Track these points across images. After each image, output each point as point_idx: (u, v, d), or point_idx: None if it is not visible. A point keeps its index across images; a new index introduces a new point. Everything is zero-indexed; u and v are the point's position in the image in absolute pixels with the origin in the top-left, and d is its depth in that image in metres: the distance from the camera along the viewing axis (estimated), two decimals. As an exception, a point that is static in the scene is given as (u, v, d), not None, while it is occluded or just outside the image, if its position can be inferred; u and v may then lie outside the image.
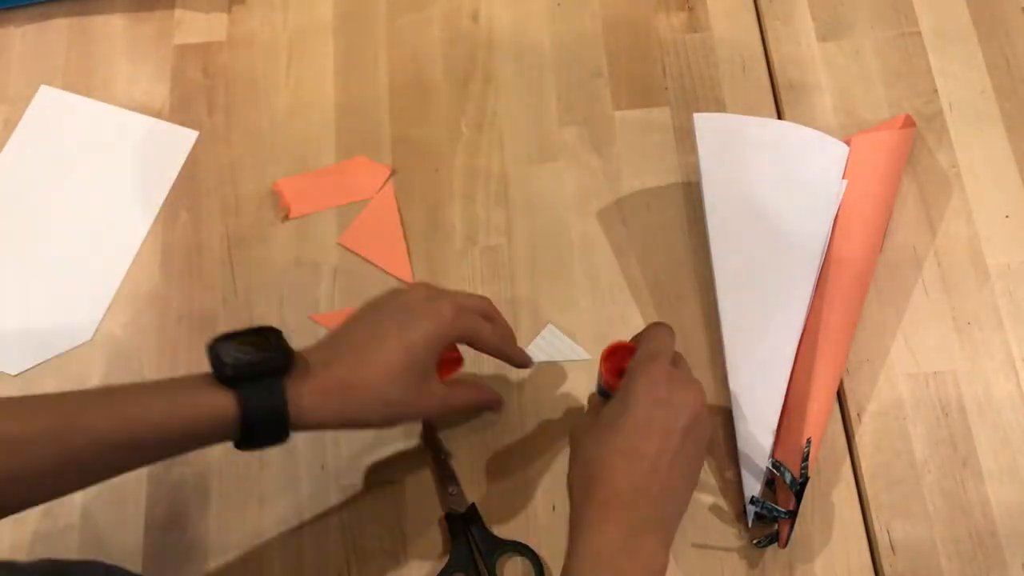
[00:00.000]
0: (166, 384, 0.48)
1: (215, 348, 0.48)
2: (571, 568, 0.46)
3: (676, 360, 0.54)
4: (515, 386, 0.65)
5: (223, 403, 0.47)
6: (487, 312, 0.57)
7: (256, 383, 0.48)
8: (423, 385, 0.52)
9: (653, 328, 0.54)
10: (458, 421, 0.64)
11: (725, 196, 0.67)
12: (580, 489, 0.49)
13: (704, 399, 0.52)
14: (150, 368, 0.66)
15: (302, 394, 0.48)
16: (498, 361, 0.60)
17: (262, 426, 0.48)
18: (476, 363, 0.65)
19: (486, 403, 0.61)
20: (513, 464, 0.63)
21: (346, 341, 0.52)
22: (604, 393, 0.56)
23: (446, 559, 0.60)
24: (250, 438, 0.48)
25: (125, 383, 0.50)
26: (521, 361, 0.60)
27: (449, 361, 0.59)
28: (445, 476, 0.62)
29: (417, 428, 0.64)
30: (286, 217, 0.71)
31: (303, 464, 0.63)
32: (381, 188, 0.71)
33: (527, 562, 0.60)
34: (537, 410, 0.64)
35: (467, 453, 0.63)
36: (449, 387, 0.56)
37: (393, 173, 0.72)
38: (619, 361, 0.54)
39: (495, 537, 0.60)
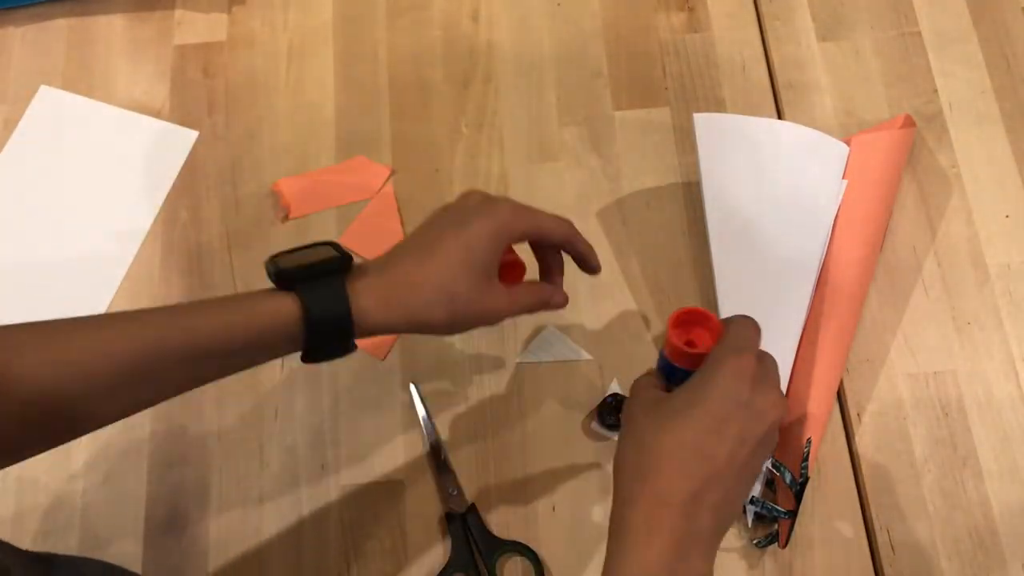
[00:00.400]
0: (230, 298, 0.48)
1: (272, 260, 0.48)
2: (618, 566, 0.42)
3: (762, 358, 0.48)
4: (515, 387, 0.65)
5: (285, 306, 0.46)
6: (567, 228, 0.55)
7: (316, 283, 0.47)
8: (487, 284, 0.50)
9: (741, 319, 0.49)
10: (459, 420, 0.64)
11: (725, 196, 0.67)
12: (631, 477, 0.44)
13: (786, 411, 0.47)
14: (150, 368, 0.66)
15: (365, 294, 0.47)
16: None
17: (327, 328, 0.47)
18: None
19: (552, 301, 0.56)
20: (513, 464, 0.63)
21: (405, 246, 0.51)
22: (667, 366, 0.49)
23: (446, 559, 0.60)
24: (316, 344, 0.47)
25: (191, 301, 0.50)
26: (593, 261, 0.56)
27: (509, 265, 0.56)
28: (445, 476, 0.62)
29: (421, 436, 0.64)
30: (286, 217, 0.71)
31: (303, 464, 0.64)
32: (381, 188, 0.71)
33: (527, 562, 0.60)
34: (538, 410, 0.64)
35: (468, 453, 0.63)
36: (513, 289, 0.53)
37: (393, 173, 0.72)
38: (689, 331, 0.49)
39: (495, 537, 0.60)
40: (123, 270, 0.69)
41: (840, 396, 0.65)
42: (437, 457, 0.63)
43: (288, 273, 0.47)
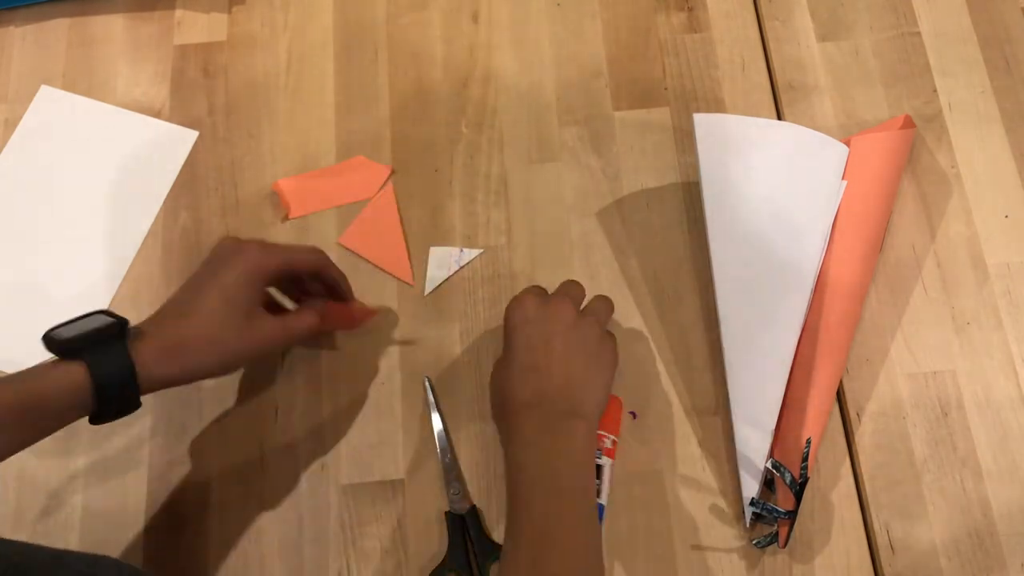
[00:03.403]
0: (17, 373, 0.50)
1: (49, 335, 0.50)
2: (508, 459, 0.56)
3: (547, 295, 0.61)
4: (515, 386, 0.65)
5: (73, 373, 0.49)
6: (314, 252, 0.60)
7: (100, 348, 0.50)
8: (250, 322, 0.55)
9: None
10: (460, 420, 0.64)
11: (725, 196, 0.67)
12: (499, 414, 0.59)
13: (572, 308, 0.59)
14: (150, 368, 0.66)
15: (143, 353, 0.51)
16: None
17: (114, 389, 0.50)
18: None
19: (337, 324, 0.62)
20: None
21: (171, 304, 0.55)
22: None
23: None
24: (104, 403, 0.50)
25: None
26: (344, 288, 0.62)
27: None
28: (450, 476, 0.62)
29: (422, 429, 0.64)
30: (286, 217, 0.71)
31: (303, 464, 0.64)
32: (381, 188, 0.71)
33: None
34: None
35: (473, 454, 0.63)
36: (285, 318, 0.58)
37: (393, 173, 0.72)
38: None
39: (492, 541, 0.60)
40: (123, 270, 0.69)
41: (840, 396, 0.65)
42: (444, 455, 0.63)
43: (72, 343, 0.50)
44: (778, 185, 0.67)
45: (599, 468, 0.60)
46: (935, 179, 0.71)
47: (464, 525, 0.61)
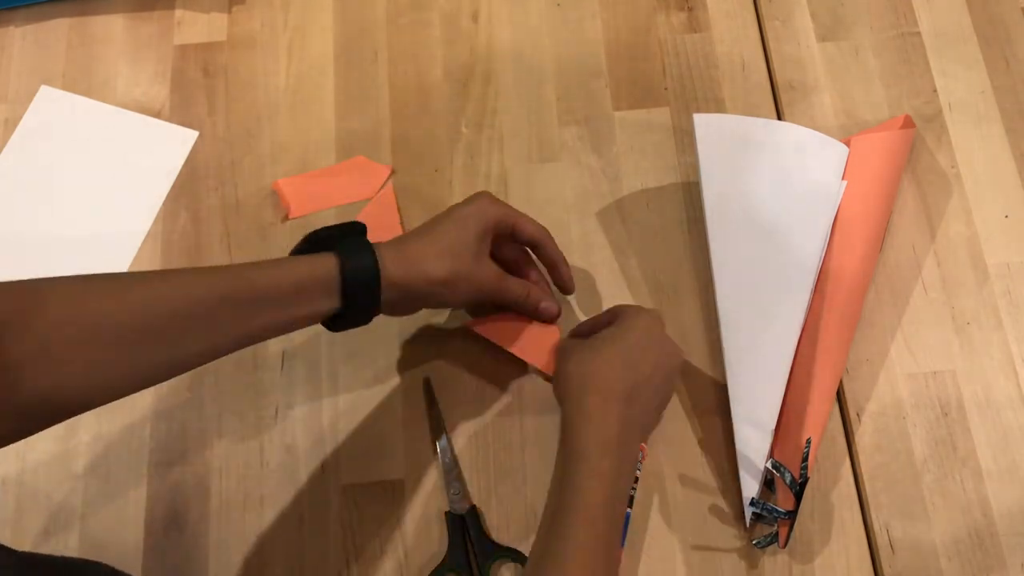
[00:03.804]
0: (273, 259, 0.55)
1: (303, 240, 0.55)
2: (582, 451, 0.52)
3: None
4: (518, 388, 0.65)
5: (324, 260, 0.53)
6: (541, 229, 0.63)
7: (349, 241, 0.54)
8: (478, 257, 0.59)
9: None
10: (461, 420, 0.64)
11: (725, 196, 0.67)
12: (577, 386, 0.55)
13: (682, 359, 0.61)
14: (150, 368, 0.66)
15: (385, 253, 0.55)
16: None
17: (358, 277, 0.53)
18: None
19: (541, 305, 0.63)
20: (515, 468, 0.63)
21: (411, 231, 0.60)
22: None
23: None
24: (351, 295, 0.53)
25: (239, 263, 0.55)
26: (565, 272, 0.64)
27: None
28: (449, 476, 0.62)
29: (422, 429, 0.64)
30: (286, 217, 0.71)
31: (303, 464, 0.64)
32: (381, 188, 0.71)
33: (521, 570, 0.60)
34: (542, 415, 0.64)
35: (473, 454, 0.63)
36: (504, 273, 0.62)
37: (393, 173, 0.72)
38: None
39: (492, 541, 0.60)
40: (123, 270, 0.69)
41: (840, 396, 0.65)
42: (444, 455, 0.63)
43: (321, 234, 0.55)
44: (778, 185, 0.67)
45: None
46: (935, 179, 0.71)
47: (464, 525, 0.61)
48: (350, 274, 0.53)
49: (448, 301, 0.61)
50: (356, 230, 0.57)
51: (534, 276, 0.65)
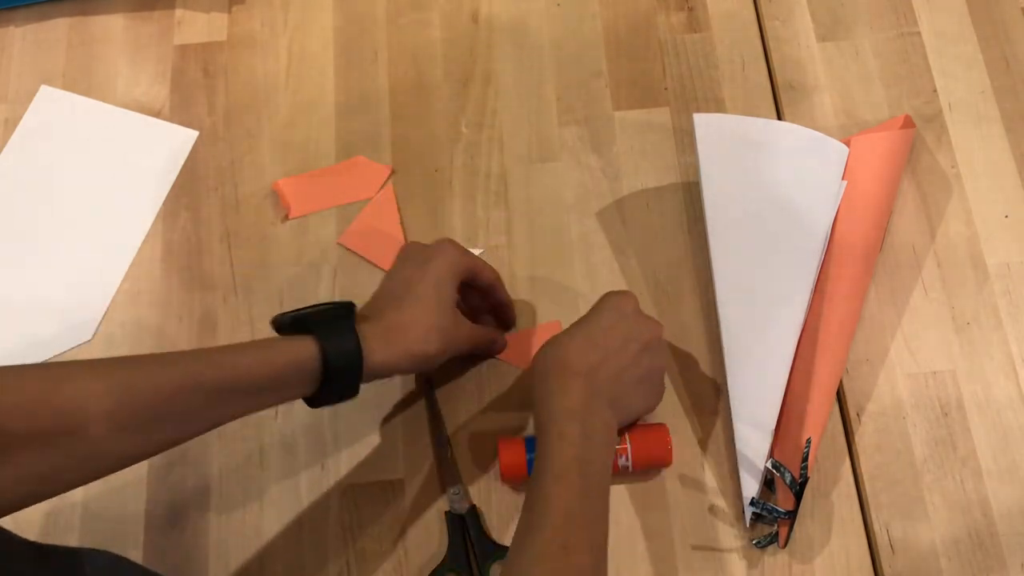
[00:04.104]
0: (252, 342, 0.53)
1: (280, 317, 0.54)
2: (548, 421, 0.53)
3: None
4: (518, 388, 0.65)
5: (305, 347, 0.51)
6: (494, 275, 0.64)
7: (329, 325, 0.53)
8: (456, 315, 0.59)
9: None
10: (462, 420, 0.64)
11: (725, 196, 0.67)
12: (543, 367, 0.56)
13: (662, 334, 0.59)
14: (150, 368, 0.66)
15: (369, 336, 0.53)
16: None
17: (341, 366, 0.52)
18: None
19: (496, 343, 0.65)
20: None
21: (385, 294, 0.58)
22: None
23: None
24: (330, 382, 0.52)
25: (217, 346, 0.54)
26: (511, 315, 0.66)
27: None
28: (449, 476, 0.62)
29: (422, 429, 0.64)
30: (286, 217, 0.71)
31: (303, 464, 0.64)
32: (381, 188, 0.71)
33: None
34: (537, 410, 0.64)
35: (473, 454, 0.63)
36: (475, 324, 0.62)
37: (393, 173, 0.72)
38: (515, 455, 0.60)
39: (492, 541, 0.60)
40: (123, 270, 0.69)
41: (840, 396, 0.65)
42: (444, 455, 0.63)
43: (304, 318, 0.53)
44: (778, 185, 0.67)
45: None
46: (935, 179, 0.71)
47: (464, 525, 0.61)
48: (332, 362, 0.51)
49: (427, 368, 0.59)
50: (340, 314, 0.54)
51: (487, 318, 0.66)
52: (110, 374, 0.47)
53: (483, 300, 0.64)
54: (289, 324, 0.53)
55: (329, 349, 0.51)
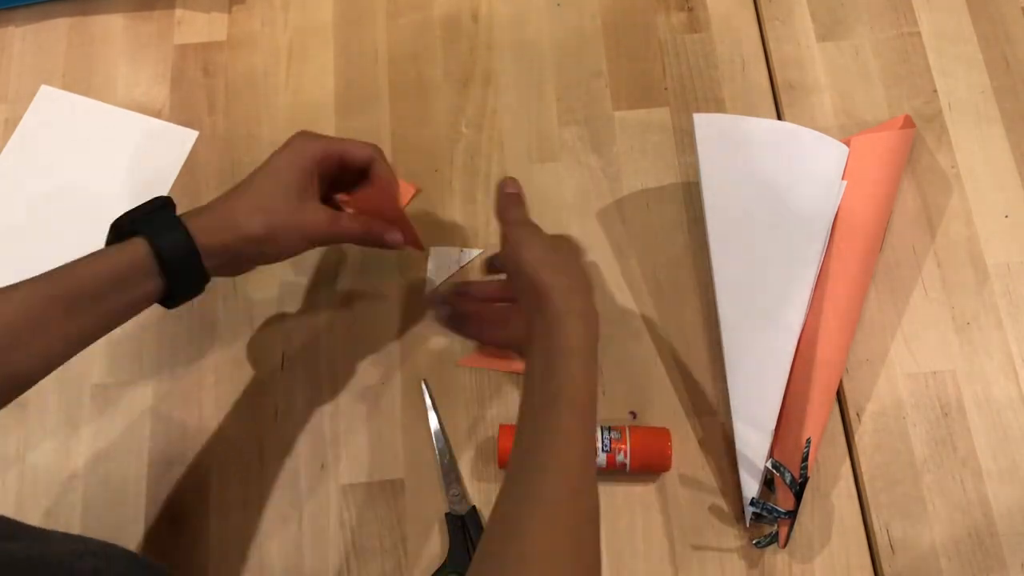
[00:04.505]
0: (81, 257, 0.52)
1: (111, 228, 0.54)
2: (572, 347, 0.51)
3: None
4: (515, 389, 0.65)
5: (132, 245, 0.51)
6: (369, 150, 0.60)
7: (152, 220, 0.52)
8: (301, 204, 0.56)
9: (503, 197, 0.60)
10: (462, 421, 0.64)
11: (725, 196, 0.67)
12: (556, 283, 0.53)
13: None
14: (150, 366, 0.66)
15: (197, 223, 0.53)
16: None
17: (176, 256, 0.52)
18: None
19: (379, 234, 0.61)
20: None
21: (227, 191, 0.57)
22: None
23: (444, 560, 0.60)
24: (172, 277, 0.52)
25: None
26: (389, 176, 0.60)
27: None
28: (449, 477, 0.62)
29: (422, 430, 0.64)
30: None
31: (303, 464, 0.64)
32: (406, 206, 0.71)
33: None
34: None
35: (472, 456, 0.63)
36: (339, 213, 0.59)
37: (419, 191, 0.71)
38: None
39: (495, 538, 0.60)
40: (123, 270, 0.69)
41: (840, 396, 0.65)
42: (443, 457, 0.63)
43: (121, 221, 0.53)
44: (778, 185, 0.67)
45: None
46: (935, 179, 0.71)
47: (464, 527, 0.61)
48: (166, 252, 0.51)
49: (278, 254, 0.58)
50: (160, 204, 0.55)
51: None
52: None
53: (380, 193, 0.60)
54: (113, 232, 0.53)
55: (157, 240, 0.51)
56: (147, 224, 0.52)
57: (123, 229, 0.53)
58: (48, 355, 0.50)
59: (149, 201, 0.55)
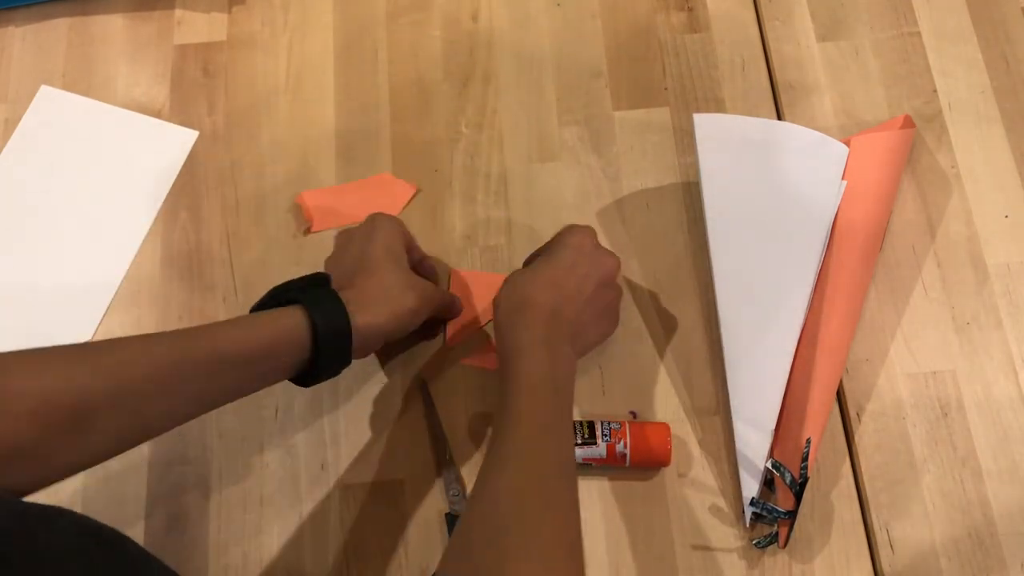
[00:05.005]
0: (241, 317, 0.53)
1: (260, 300, 0.54)
2: (514, 349, 0.54)
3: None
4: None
5: (291, 316, 0.52)
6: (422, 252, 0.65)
7: (311, 293, 0.53)
8: (412, 278, 0.59)
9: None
10: (461, 421, 0.64)
11: (725, 196, 0.67)
12: (508, 305, 0.57)
13: (619, 267, 0.61)
14: (150, 368, 0.66)
15: (351, 301, 0.54)
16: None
17: (330, 330, 0.52)
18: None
19: (451, 304, 0.65)
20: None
21: (346, 272, 0.58)
22: None
23: (446, 559, 0.60)
24: (322, 348, 0.52)
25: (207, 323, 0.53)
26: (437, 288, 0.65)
27: None
28: (449, 477, 0.62)
29: (422, 429, 0.64)
30: (308, 231, 0.70)
31: (303, 464, 0.64)
32: (406, 206, 0.71)
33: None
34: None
35: (472, 456, 0.63)
36: (427, 283, 0.61)
37: (418, 192, 0.71)
38: None
39: (495, 538, 0.60)
40: (123, 269, 0.69)
41: (840, 396, 0.65)
42: (442, 456, 0.63)
43: (284, 289, 0.54)
44: (778, 185, 0.67)
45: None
46: (935, 179, 0.71)
47: (464, 525, 0.61)
48: (321, 324, 0.52)
49: (407, 330, 0.59)
50: (319, 282, 0.55)
51: None
52: (98, 362, 0.47)
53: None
54: (270, 299, 0.54)
55: (316, 314, 0.52)
56: (307, 295, 0.53)
57: (280, 298, 0.53)
58: (177, 415, 0.50)
59: (305, 276, 0.56)
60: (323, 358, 0.53)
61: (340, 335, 0.53)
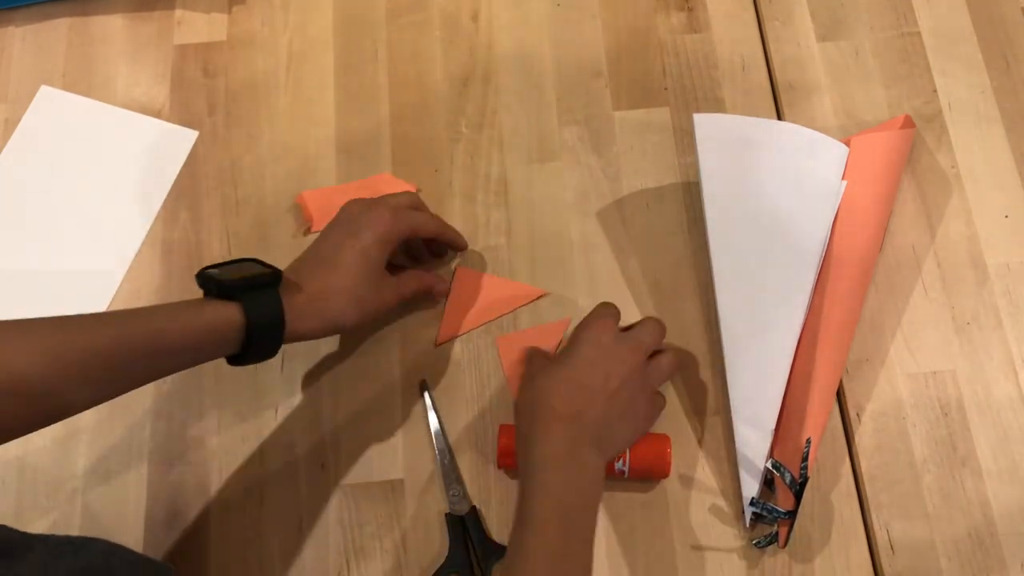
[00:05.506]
0: (182, 303, 0.53)
1: (206, 274, 0.55)
2: (529, 469, 0.54)
3: (620, 330, 0.61)
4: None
5: (230, 313, 0.53)
6: (417, 204, 0.65)
7: (256, 293, 0.54)
8: (380, 282, 0.60)
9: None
10: (461, 421, 0.64)
11: (725, 196, 0.67)
12: (528, 410, 0.57)
13: (643, 359, 0.59)
14: (150, 368, 0.66)
15: (292, 306, 0.55)
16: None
17: (264, 333, 0.54)
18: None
19: (430, 287, 0.66)
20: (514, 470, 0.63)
21: (310, 257, 0.59)
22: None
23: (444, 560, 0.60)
24: (251, 346, 0.54)
25: (148, 305, 0.55)
26: (460, 244, 0.68)
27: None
28: (449, 478, 0.62)
29: (422, 429, 0.64)
30: (308, 231, 0.70)
31: (303, 464, 0.64)
32: None
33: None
34: (537, 410, 0.64)
35: (472, 456, 0.63)
36: (398, 279, 0.62)
37: (418, 192, 0.71)
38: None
39: (493, 542, 0.60)
40: (123, 269, 0.69)
41: (840, 396, 0.65)
42: (443, 457, 0.63)
43: (231, 285, 0.54)
44: (778, 185, 0.67)
45: None
46: (935, 179, 0.71)
47: (464, 527, 0.61)
48: (255, 330, 0.53)
49: (356, 330, 0.62)
50: (267, 283, 0.55)
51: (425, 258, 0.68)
52: (41, 338, 0.48)
53: (429, 243, 0.67)
54: (216, 290, 0.54)
55: (253, 318, 0.53)
56: (252, 298, 0.53)
57: (222, 285, 0.53)
58: (106, 392, 0.51)
59: (251, 263, 0.56)
60: (251, 354, 0.55)
61: (272, 337, 0.54)
